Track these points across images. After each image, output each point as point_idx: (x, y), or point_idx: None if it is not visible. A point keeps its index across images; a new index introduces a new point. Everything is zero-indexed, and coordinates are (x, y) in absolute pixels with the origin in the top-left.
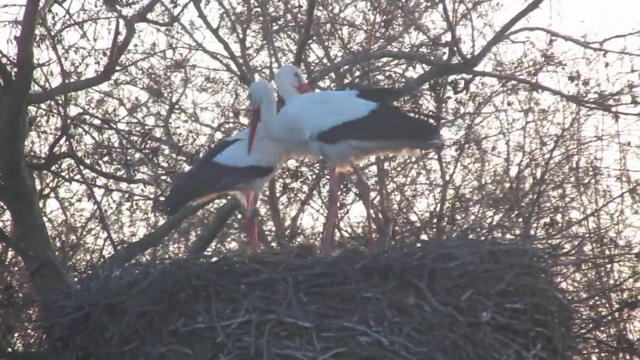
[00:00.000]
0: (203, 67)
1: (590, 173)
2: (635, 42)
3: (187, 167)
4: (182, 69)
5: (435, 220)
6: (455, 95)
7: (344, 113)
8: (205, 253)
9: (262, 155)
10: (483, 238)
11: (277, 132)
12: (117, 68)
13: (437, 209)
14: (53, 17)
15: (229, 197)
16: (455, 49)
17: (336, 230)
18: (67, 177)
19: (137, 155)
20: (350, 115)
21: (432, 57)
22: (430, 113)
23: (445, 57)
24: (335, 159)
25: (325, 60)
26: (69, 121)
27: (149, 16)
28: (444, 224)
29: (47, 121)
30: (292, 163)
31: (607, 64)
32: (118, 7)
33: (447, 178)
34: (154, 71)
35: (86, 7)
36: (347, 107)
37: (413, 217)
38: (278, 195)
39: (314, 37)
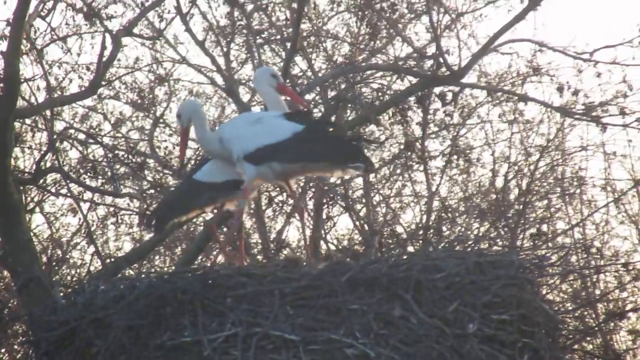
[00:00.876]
0: (189, 81)
1: (575, 183)
2: (625, 52)
3: (173, 181)
4: (165, 83)
5: (421, 232)
6: (443, 107)
7: (268, 135)
8: (192, 267)
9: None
10: (469, 249)
11: (209, 150)
12: (103, 82)
13: (424, 221)
14: (34, 32)
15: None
16: (441, 60)
17: (322, 243)
18: (53, 191)
19: (123, 170)
20: (274, 138)
21: (418, 69)
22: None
23: (431, 69)
24: (254, 178)
25: (309, 73)
26: (55, 136)
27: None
28: (431, 235)
29: (33, 136)
30: None
31: (599, 74)
32: (97, 21)
33: (433, 189)
34: (138, 85)
35: (69, 22)
36: (273, 129)
37: (399, 229)
38: (264, 208)
39: (300, 51)
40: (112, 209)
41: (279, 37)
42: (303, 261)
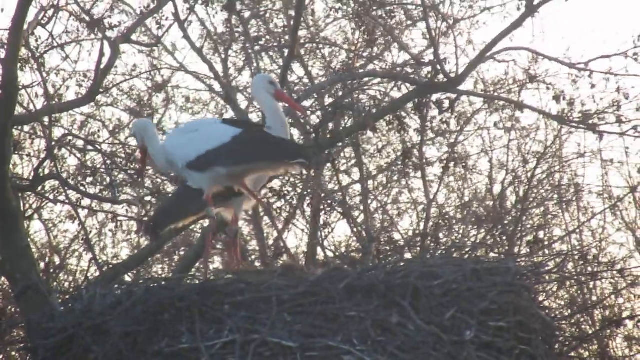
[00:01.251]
0: (185, 87)
1: (572, 190)
2: (620, 63)
3: (171, 188)
4: (163, 90)
5: (419, 239)
6: (440, 115)
7: (208, 141)
8: (190, 273)
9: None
10: (466, 256)
11: (161, 165)
12: (101, 90)
13: (421, 228)
14: (36, 40)
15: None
16: (439, 67)
17: (320, 249)
18: (52, 198)
19: (121, 176)
20: (214, 143)
21: (416, 77)
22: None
23: (429, 76)
24: (207, 186)
25: (306, 80)
26: (53, 143)
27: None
28: (428, 242)
29: (32, 143)
30: (275, 183)
31: (592, 86)
32: (100, 31)
33: (431, 197)
34: (136, 92)
35: (70, 31)
36: (212, 135)
37: (397, 236)
38: (261, 214)
39: (297, 58)
40: (110, 215)
41: (276, 44)
42: (300, 267)
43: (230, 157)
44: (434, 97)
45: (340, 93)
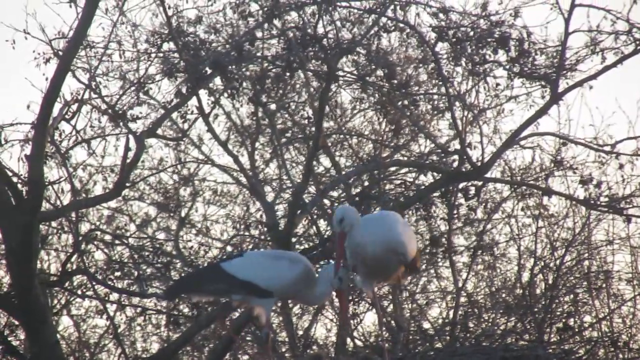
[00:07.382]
0: (212, 180)
1: (602, 277)
2: None
3: None
4: (190, 183)
5: (448, 328)
6: (466, 202)
7: None
8: None
9: (265, 276)
10: (496, 344)
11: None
12: (127, 184)
13: (451, 316)
14: (60, 135)
15: (243, 309)
16: (465, 157)
17: (349, 340)
18: (80, 293)
19: (149, 270)
20: None
21: (442, 165)
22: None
23: (455, 165)
24: None
25: (333, 171)
26: (80, 238)
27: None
28: (458, 331)
29: (59, 238)
30: None
31: (621, 166)
32: (122, 123)
33: (460, 285)
34: (163, 186)
35: (94, 125)
36: None
37: (426, 325)
38: (290, 305)
39: (323, 148)
40: (139, 309)
41: (302, 136)
42: (327, 357)
43: None
44: (460, 185)
45: (367, 183)
